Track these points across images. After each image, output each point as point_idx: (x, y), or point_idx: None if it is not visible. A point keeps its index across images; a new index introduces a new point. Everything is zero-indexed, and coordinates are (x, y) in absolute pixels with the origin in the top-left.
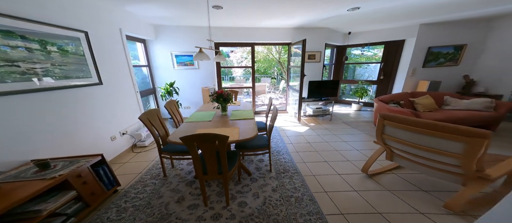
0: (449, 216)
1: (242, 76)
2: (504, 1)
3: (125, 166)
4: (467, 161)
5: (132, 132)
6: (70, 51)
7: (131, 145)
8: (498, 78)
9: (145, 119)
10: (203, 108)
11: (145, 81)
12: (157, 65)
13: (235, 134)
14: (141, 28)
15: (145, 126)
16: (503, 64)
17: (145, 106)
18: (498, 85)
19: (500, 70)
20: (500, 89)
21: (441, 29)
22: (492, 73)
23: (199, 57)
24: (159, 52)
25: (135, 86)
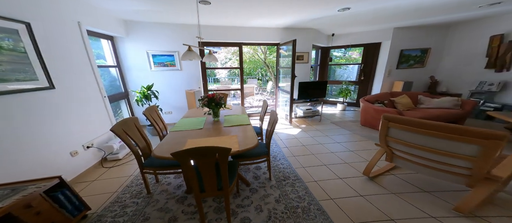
0: (460, 218)
1: (227, 77)
2: (459, 9)
3: (94, 185)
4: (481, 163)
5: (100, 144)
6: (4, 47)
7: (100, 159)
8: (457, 78)
9: (120, 131)
10: (190, 114)
11: (114, 85)
12: (129, 66)
13: (233, 143)
14: (107, 23)
15: (121, 139)
16: (460, 66)
17: (116, 113)
18: (457, 85)
19: (459, 71)
20: (459, 89)
21: (410, 33)
22: (452, 74)
23: (188, 56)
24: (132, 52)
25: (101, 91)
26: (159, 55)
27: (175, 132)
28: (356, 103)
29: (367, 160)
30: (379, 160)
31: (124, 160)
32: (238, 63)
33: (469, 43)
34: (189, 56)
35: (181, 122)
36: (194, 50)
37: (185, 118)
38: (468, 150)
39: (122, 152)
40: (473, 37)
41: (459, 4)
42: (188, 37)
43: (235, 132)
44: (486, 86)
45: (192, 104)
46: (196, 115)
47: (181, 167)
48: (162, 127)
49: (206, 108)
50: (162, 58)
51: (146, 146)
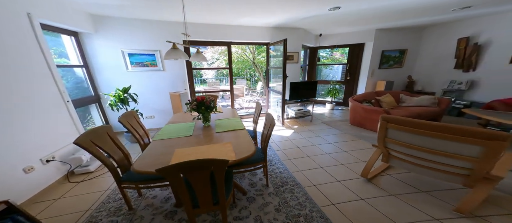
0: (461, 219)
1: (215, 78)
2: (435, 12)
3: (60, 204)
4: (484, 164)
5: (65, 156)
6: None
7: (65, 173)
8: (431, 78)
9: (87, 143)
10: (177, 118)
11: (81, 87)
12: (100, 66)
13: (228, 152)
14: (69, 16)
15: (90, 153)
16: (433, 66)
17: (85, 119)
18: (431, 84)
19: (432, 71)
20: (433, 88)
21: (390, 35)
22: (426, 74)
23: (173, 55)
24: (103, 50)
25: (63, 94)
26: (137, 54)
27: (160, 140)
28: (343, 103)
29: (361, 160)
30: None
31: (97, 172)
32: (225, 64)
33: (440, 45)
34: (174, 55)
35: (166, 128)
36: (179, 48)
37: (171, 124)
38: (470, 150)
39: (94, 163)
40: (444, 39)
41: (436, 6)
42: (172, 35)
43: (228, 138)
44: (456, 85)
45: (177, 107)
46: (183, 120)
47: (169, 183)
48: (143, 134)
49: (195, 113)
50: (141, 58)
51: (123, 157)
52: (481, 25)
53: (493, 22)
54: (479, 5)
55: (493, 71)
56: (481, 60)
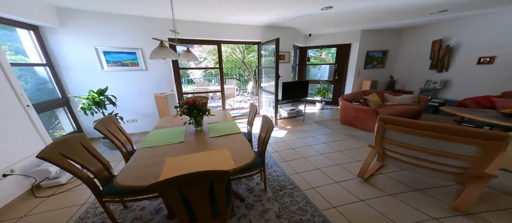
0: (457, 217)
1: (203, 78)
2: (415, 14)
3: (26, 222)
4: (481, 163)
5: (27, 168)
6: None
7: (30, 188)
8: (409, 77)
9: (55, 156)
10: (164, 123)
11: (45, 89)
12: (69, 65)
13: (226, 159)
14: (25, 7)
15: (60, 167)
16: (411, 66)
17: (51, 125)
18: (410, 83)
19: (410, 71)
20: (411, 87)
21: (374, 36)
22: (405, 74)
23: (160, 54)
24: (71, 47)
25: (21, 98)
26: (114, 52)
27: (147, 148)
28: (332, 102)
29: (355, 160)
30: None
31: (70, 185)
32: (214, 63)
33: (417, 47)
34: (162, 54)
35: (153, 134)
36: (167, 46)
37: (158, 129)
38: (467, 150)
39: (66, 175)
40: (420, 41)
41: (417, 9)
42: (155, 33)
43: (224, 143)
44: (431, 84)
45: (164, 110)
46: (172, 124)
47: (161, 198)
48: (125, 141)
49: (185, 117)
50: (119, 56)
51: (102, 168)
52: (452, 29)
53: (462, 27)
54: (454, 9)
55: (463, 71)
56: (452, 62)
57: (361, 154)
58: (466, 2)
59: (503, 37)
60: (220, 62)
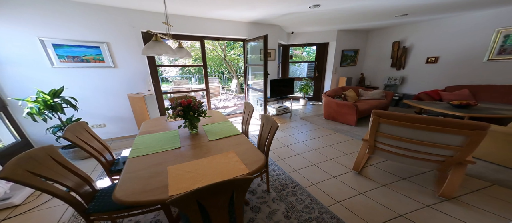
0: (444, 202)
1: (180, 76)
2: (383, 17)
3: None
4: (466, 151)
5: None
6: None
7: None
8: (375, 74)
9: (22, 175)
10: (150, 127)
11: None
12: (2, 60)
13: (236, 163)
14: None
15: (35, 189)
16: (376, 64)
17: None
18: (376, 80)
19: (376, 69)
20: (377, 83)
21: (348, 36)
22: (372, 71)
23: (156, 49)
24: (5, 37)
25: None
26: (69, 46)
27: (139, 157)
28: (313, 98)
29: (345, 153)
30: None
31: (28, 205)
32: (193, 60)
33: (380, 47)
34: (157, 50)
35: (141, 140)
36: (161, 40)
37: (145, 135)
38: (454, 140)
39: (20, 193)
40: (383, 42)
41: (387, 12)
42: (125, 25)
43: (227, 146)
44: (393, 81)
45: (142, 113)
46: (160, 128)
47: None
48: (102, 149)
49: (175, 119)
50: (76, 51)
51: (82, 183)
52: (407, 31)
53: (414, 30)
54: (412, 14)
55: (416, 69)
56: (408, 61)
57: (349, 147)
58: (422, 8)
59: (443, 40)
60: (204, 59)
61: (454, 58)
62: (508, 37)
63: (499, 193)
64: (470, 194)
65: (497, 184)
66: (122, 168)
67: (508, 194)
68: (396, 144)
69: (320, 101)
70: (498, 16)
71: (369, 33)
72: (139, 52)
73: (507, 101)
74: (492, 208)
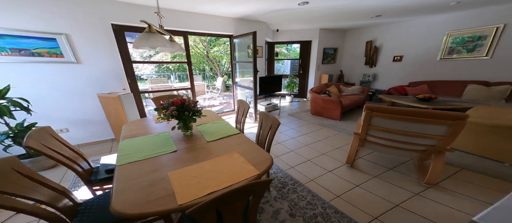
0: (429, 189)
1: (156, 74)
2: (360, 17)
3: None
4: (448, 140)
5: None
6: None
7: None
8: (352, 71)
9: None
10: (135, 130)
11: None
12: None
13: (242, 164)
14: None
15: None
16: (353, 62)
17: None
18: (352, 76)
19: (352, 66)
20: (353, 79)
21: (328, 35)
22: (349, 68)
23: (151, 42)
24: None
25: None
26: (12, 36)
27: (130, 164)
28: (298, 95)
29: (335, 147)
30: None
31: None
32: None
33: (355, 46)
34: (153, 42)
35: (126, 146)
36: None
37: (131, 139)
38: (439, 130)
39: None
40: (358, 41)
41: (362, 13)
42: (88, 13)
43: (229, 147)
44: (366, 77)
45: (118, 114)
46: (146, 131)
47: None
48: (76, 157)
49: (173, 120)
50: (24, 43)
51: (58, 197)
52: (377, 32)
53: (383, 31)
54: (384, 15)
55: (385, 67)
56: (378, 59)
57: (338, 141)
58: (394, 10)
59: (406, 41)
60: (188, 56)
61: (415, 57)
62: (455, 39)
63: (468, 177)
64: (446, 180)
65: (464, 169)
66: (105, 177)
67: (476, 177)
68: (386, 136)
69: (305, 98)
70: (448, 21)
71: (346, 32)
72: (109, 46)
73: (456, 94)
74: (468, 192)
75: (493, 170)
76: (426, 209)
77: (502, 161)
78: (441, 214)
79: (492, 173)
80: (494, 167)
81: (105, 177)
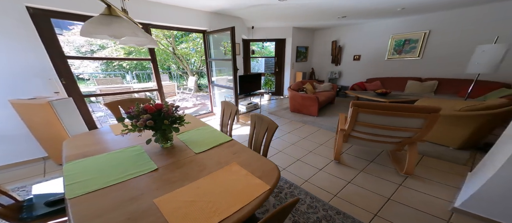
0: (408, 179)
1: (103, 73)
2: (329, 17)
3: None
4: (424, 132)
5: None
6: None
7: None
8: (321, 69)
9: None
10: (85, 146)
11: None
12: None
13: (247, 177)
14: None
15: None
16: (321, 60)
17: None
18: (321, 74)
19: (321, 64)
20: (322, 77)
21: (300, 33)
22: (318, 66)
23: (115, 29)
24: None
25: None
26: None
27: (88, 194)
28: (275, 93)
29: (319, 143)
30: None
31: None
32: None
33: (323, 45)
34: (116, 29)
35: (76, 169)
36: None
37: (82, 159)
38: (416, 123)
39: None
40: (325, 41)
41: (332, 13)
42: None
43: (225, 157)
44: (333, 75)
45: (48, 126)
46: (104, 147)
47: None
48: None
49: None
50: None
51: None
52: (341, 33)
53: (345, 32)
54: (349, 17)
55: (348, 65)
56: (342, 58)
57: (320, 137)
58: (357, 12)
59: (363, 42)
60: (152, 52)
61: (369, 57)
62: (397, 42)
63: (431, 163)
64: (417, 167)
65: (425, 156)
66: (47, 212)
67: (436, 163)
68: (369, 130)
69: (282, 95)
70: (392, 25)
71: (315, 32)
72: (26, 37)
73: (400, 89)
74: (437, 178)
75: (445, 155)
76: (413, 199)
77: (447, 146)
78: (427, 203)
79: (444, 157)
80: (444, 151)
81: (46, 213)
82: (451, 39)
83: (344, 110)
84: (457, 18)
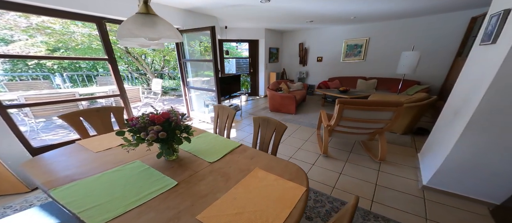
0: (383, 164)
1: (6, 74)
2: (297, 21)
3: None
4: (394, 122)
5: None
6: None
7: None
8: (290, 69)
9: None
10: (74, 167)
11: None
12: None
13: (279, 182)
14: None
15: None
16: (290, 61)
17: None
18: (291, 74)
19: (291, 64)
20: (292, 76)
21: (271, 35)
22: (288, 67)
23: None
24: None
25: None
26: None
27: (112, 220)
28: (251, 93)
29: (304, 140)
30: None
31: None
32: (46, 50)
33: (292, 46)
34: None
35: (78, 194)
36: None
37: (76, 182)
38: (387, 115)
39: None
40: (293, 43)
41: (302, 17)
42: None
43: (245, 164)
44: (302, 75)
45: None
46: (94, 166)
47: None
48: None
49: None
50: None
51: None
52: (306, 36)
53: (310, 35)
54: (315, 21)
55: (313, 65)
56: (308, 59)
57: (303, 134)
58: (321, 17)
59: (324, 45)
60: (109, 50)
61: (329, 58)
62: (349, 46)
63: (389, 148)
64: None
65: None
66: None
67: (393, 148)
68: (349, 124)
69: (258, 96)
70: (345, 31)
71: (283, 34)
72: None
73: (353, 86)
74: (400, 160)
75: (396, 140)
76: (393, 182)
77: (395, 132)
78: (404, 184)
79: (397, 142)
80: (395, 137)
81: None
82: (384, 45)
83: (316, 107)
84: (388, 28)
